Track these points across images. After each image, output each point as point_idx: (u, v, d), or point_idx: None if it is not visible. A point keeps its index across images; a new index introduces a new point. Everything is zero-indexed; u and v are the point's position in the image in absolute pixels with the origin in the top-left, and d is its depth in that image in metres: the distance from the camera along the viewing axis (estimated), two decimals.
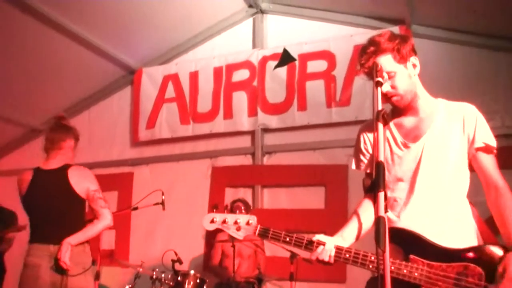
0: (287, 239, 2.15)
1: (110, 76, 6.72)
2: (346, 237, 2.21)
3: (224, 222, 2.21)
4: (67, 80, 6.32)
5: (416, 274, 1.99)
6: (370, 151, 2.35)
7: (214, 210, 2.27)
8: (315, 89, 5.43)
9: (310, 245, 2.13)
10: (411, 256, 2.04)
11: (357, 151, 2.41)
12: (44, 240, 3.29)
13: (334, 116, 5.31)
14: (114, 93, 6.84)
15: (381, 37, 2.13)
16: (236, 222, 2.20)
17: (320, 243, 2.11)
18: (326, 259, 2.08)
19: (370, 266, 2.04)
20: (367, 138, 2.37)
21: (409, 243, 2.06)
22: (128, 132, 6.61)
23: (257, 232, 2.19)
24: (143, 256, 5.38)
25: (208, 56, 6.21)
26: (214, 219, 2.22)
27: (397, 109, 2.25)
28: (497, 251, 1.97)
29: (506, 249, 1.95)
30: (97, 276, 4.46)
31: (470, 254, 1.98)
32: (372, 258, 2.04)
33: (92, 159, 6.43)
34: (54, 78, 6.19)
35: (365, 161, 2.37)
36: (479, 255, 1.98)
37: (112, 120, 6.81)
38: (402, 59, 2.11)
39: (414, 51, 2.18)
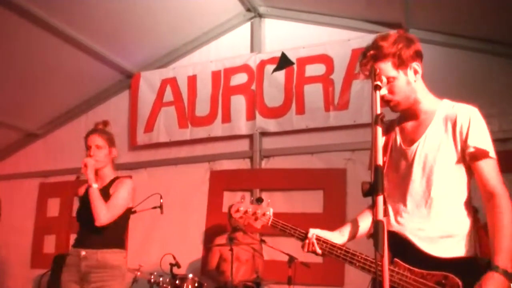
0: (292, 231, 2.33)
1: (107, 80, 6.74)
2: (343, 233, 2.32)
3: (246, 212, 2.42)
4: (64, 85, 6.32)
5: (395, 278, 2.00)
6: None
7: (242, 200, 2.50)
8: (313, 93, 5.45)
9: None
10: (395, 259, 2.05)
11: (370, 154, 2.43)
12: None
13: (332, 120, 5.32)
14: (111, 97, 6.85)
15: (385, 41, 2.11)
16: (254, 213, 2.41)
17: (307, 232, 2.27)
18: (310, 249, 2.24)
19: (357, 265, 2.12)
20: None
21: (396, 246, 2.05)
22: (126, 136, 6.61)
23: (269, 222, 2.38)
24: (141, 260, 5.35)
25: (206, 60, 6.22)
26: (240, 209, 2.44)
27: (402, 113, 2.26)
28: (482, 265, 1.93)
29: (489, 268, 1.88)
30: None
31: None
32: (360, 258, 2.12)
33: None
34: (51, 83, 6.20)
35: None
36: (464, 266, 1.97)
37: (110, 124, 6.78)
38: (402, 64, 2.10)
39: (418, 56, 2.15)
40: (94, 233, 3.14)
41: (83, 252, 3.13)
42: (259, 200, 2.49)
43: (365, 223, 2.34)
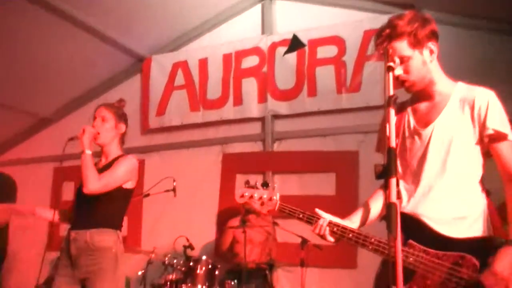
0: (301, 215, 2.31)
1: (119, 65, 6.74)
2: (354, 220, 2.31)
3: (251, 197, 2.39)
4: (76, 69, 6.34)
5: (411, 259, 2.00)
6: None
7: (246, 185, 2.45)
8: (325, 75, 5.40)
9: (315, 220, 2.28)
10: (409, 241, 2.05)
11: (378, 135, 2.43)
12: None
13: (344, 102, 5.28)
14: (123, 82, 6.87)
15: (401, 20, 2.09)
16: (261, 198, 2.38)
17: (319, 217, 2.26)
18: (321, 232, 2.21)
19: (370, 247, 2.11)
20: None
21: (410, 228, 2.06)
22: (138, 119, 6.64)
23: (276, 207, 2.36)
24: (155, 242, 5.44)
25: (217, 43, 6.19)
26: (244, 194, 2.41)
27: (415, 94, 2.24)
28: (498, 245, 1.93)
29: (505, 243, 1.92)
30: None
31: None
32: (373, 240, 2.11)
33: None
34: (63, 68, 6.21)
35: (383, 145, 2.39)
36: (480, 246, 1.96)
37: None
38: (418, 44, 2.07)
39: (433, 36, 2.12)
40: (86, 213, 2.92)
41: (72, 234, 2.89)
42: (265, 184, 2.44)
43: (376, 206, 2.34)
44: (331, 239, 2.22)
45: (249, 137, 5.84)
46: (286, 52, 5.64)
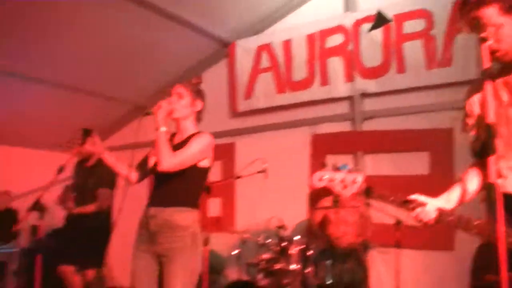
0: (391, 198, 2.19)
1: (205, 51, 6.91)
2: (449, 199, 2.21)
3: (331, 180, 2.22)
4: (165, 58, 6.58)
5: None
6: (476, 112, 2.23)
7: (323, 168, 2.29)
8: (413, 50, 5.20)
9: (412, 205, 2.15)
10: None
11: (464, 113, 2.31)
12: None
13: (435, 77, 5.06)
14: (210, 67, 7.03)
15: None
16: (343, 181, 2.20)
17: (421, 203, 2.12)
18: (425, 219, 2.09)
19: (473, 232, 1.99)
20: (474, 98, 2.24)
21: None
22: (226, 103, 6.81)
23: (362, 190, 2.21)
24: (248, 222, 5.61)
25: (300, 24, 6.15)
26: (323, 177, 2.24)
27: (505, 66, 2.10)
28: None
29: None
30: (205, 242, 4.73)
31: None
32: (475, 223, 1.99)
33: None
34: (151, 56, 6.47)
35: (472, 123, 2.26)
36: None
37: (210, 93, 6.86)
38: (509, 10, 1.95)
39: None
40: (164, 191, 2.91)
41: (151, 211, 2.88)
42: (346, 167, 2.27)
43: (472, 184, 2.23)
44: (430, 223, 2.13)
45: (337, 117, 5.78)
46: (371, 28, 5.48)
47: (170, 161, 2.75)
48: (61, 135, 7.46)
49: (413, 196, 2.18)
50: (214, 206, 6.49)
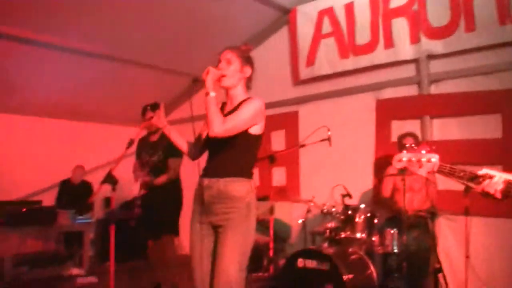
0: (462, 174, 2.29)
1: (265, 19, 6.86)
2: None
3: (409, 161, 2.41)
4: (225, 27, 6.55)
5: None
6: None
7: (404, 151, 2.46)
8: (484, 5, 4.85)
9: (481, 179, 2.22)
10: None
11: None
12: None
13: (508, 34, 4.70)
14: (271, 35, 6.98)
15: None
16: (419, 161, 2.38)
17: (488, 176, 2.18)
18: (491, 191, 2.16)
19: None
20: None
21: None
22: (289, 71, 6.74)
23: (436, 168, 2.35)
24: (313, 191, 5.57)
25: None
26: (402, 159, 2.44)
27: None
28: None
29: None
30: (271, 211, 4.78)
31: None
32: None
33: None
34: (211, 27, 6.46)
35: None
36: None
37: (272, 61, 6.95)
38: None
39: None
40: (217, 161, 2.86)
41: (205, 182, 2.83)
42: (423, 146, 2.42)
43: None
44: (496, 196, 2.16)
45: (403, 80, 5.56)
46: None
47: (220, 126, 2.69)
48: (130, 110, 7.81)
49: (483, 171, 2.21)
50: (278, 175, 6.52)
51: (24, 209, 6.08)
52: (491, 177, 2.16)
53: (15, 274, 5.93)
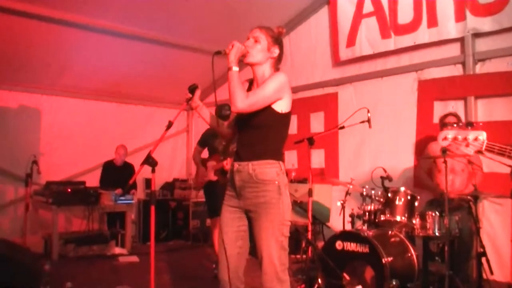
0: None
1: (305, 0, 6.78)
2: None
3: (455, 139, 2.29)
4: (265, 9, 6.50)
5: None
6: None
7: (449, 128, 2.48)
8: None
9: None
10: None
11: None
12: None
13: None
14: (311, 16, 6.89)
15: None
16: (465, 139, 2.26)
17: None
18: None
19: None
20: None
21: None
22: (329, 53, 6.65)
23: (483, 147, 2.23)
24: (352, 173, 5.52)
25: None
26: (447, 136, 2.31)
27: None
28: None
29: None
30: (309, 193, 4.75)
31: None
32: None
33: (296, 83, 6.69)
34: (253, 9, 6.43)
35: None
36: None
37: (312, 42, 6.89)
38: None
39: None
40: (246, 143, 2.81)
41: (236, 166, 2.80)
42: (470, 124, 2.30)
43: None
44: None
45: (446, 60, 5.39)
46: None
47: (243, 101, 2.62)
48: (173, 92, 7.92)
49: None
50: (317, 158, 6.47)
51: (69, 190, 6.28)
52: None
53: (62, 252, 6.14)
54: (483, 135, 2.23)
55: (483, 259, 4.04)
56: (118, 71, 7.27)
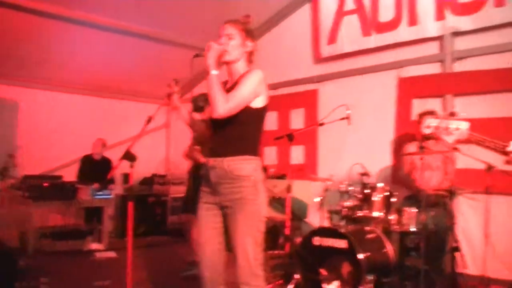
0: (491, 145, 2.26)
1: None
2: None
3: (437, 127, 2.32)
4: (248, 4, 6.47)
5: None
6: None
7: (429, 116, 2.47)
8: None
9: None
10: None
11: None
12: None
13: None
14: (293, 12, 6.90)
15: None
16: (447, 128, 2.29)
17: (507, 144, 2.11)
18: None
19: None
20: None
21: None
22: (310, 49, 6.66)
23: (465, 136, 2.26)
24: (331, 169, 5.52)
25: None
26: (430, 124, 2.34)
27: None
28: None
29: None
30: (288, 189, 4.75)
31: None
32: None
33: (277, 79, 6.69)
34: (235, 5, 6.39)
35: None
36: None
37: (293, 39, 6.90)
38: None
39: None
40: (221, 139, 2.74)
41: (211, 161, 2.73)
42: (452, 114, 2.33)
43: None
44: None
45: (426, 58, 5.45)
46: None
47: (224, 106, 2.55)
48: (155, 87, 7.85)
49: None
50: (297, 154, 6.48)
51: (46, 184, 6.18)
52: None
53: (38, 247, 6.05)
54: (464, 124, 2.26)
55: (458, 254, 4.10)
56: (98, 64, 7.18)
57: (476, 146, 2.25)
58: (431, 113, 4.69)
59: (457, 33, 5.18)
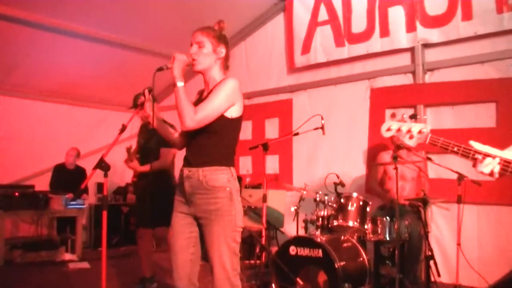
0: (455, 149, 2.13)
1: (262, 6, 6.84)
2: None
3: (398, 130, 2.25)
4: (222, 14, 6.48)
5: None
6: None
7: (392, 118, 2.32)
8: None
9: (475, 155, 2.09)
10: None
11: None
12: None
13: (506, 22, 4.67)
14: (267, 22, 6.96)
15: None
16: (409, 131, 2.22)
17: (487, 155, 2.05)
18: (487, 171, 2.04)
19: None
20: None
21: None
22: (284, 59, 6.71)
23: (427, 140, 2.18)
24: (306, 179, 5.57)
25: None
26: (391, 127, 2.27)
27: None
28: None
29: None
30: (264, 198, 4.76)
31: None
32: None
33: (251, 89, 6.73)
34: (209, 14, 6.41)
35: None
36: None
37: (267, 48, 6.95)
38: None
39: None
40: (196, 149, 2.69)
41: (185, 172, 2.69)
42: (413, 117, 2.24)
43: None
44: (496, 173, 2.05)
45: (398, 69, 5.57)
46: None
47: (192, 118, 2.49)
48: (127, 95, 7.75)
49: (476, 146, 2.10)
50: (272, 163, 6.52)
51: (17, 193, 6.07)
52: (487, 155, 2.05)
53: (8, 257, 5.93)
54: (427, 128, 2.20)
55: (431, 262, 4.19)
56: (70, 72, 7.07)
57: (447, 155, 2.26)
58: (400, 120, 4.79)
59: (427, 45, 5.32)
